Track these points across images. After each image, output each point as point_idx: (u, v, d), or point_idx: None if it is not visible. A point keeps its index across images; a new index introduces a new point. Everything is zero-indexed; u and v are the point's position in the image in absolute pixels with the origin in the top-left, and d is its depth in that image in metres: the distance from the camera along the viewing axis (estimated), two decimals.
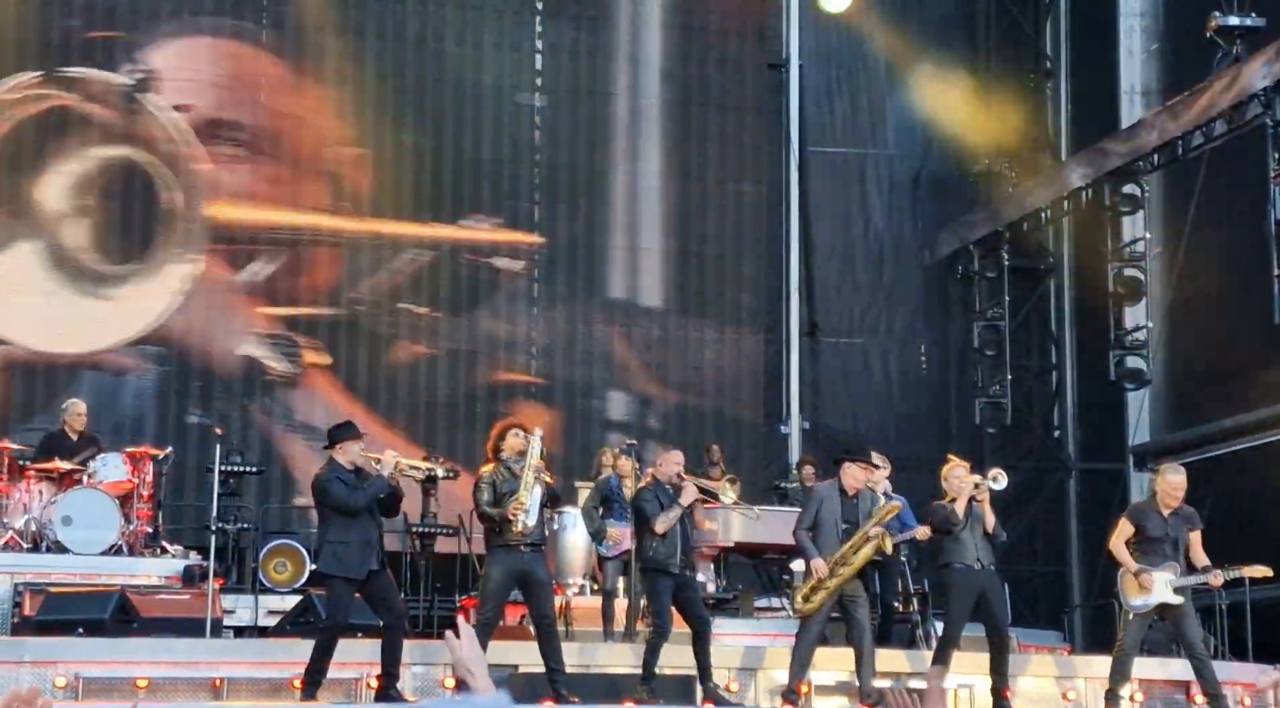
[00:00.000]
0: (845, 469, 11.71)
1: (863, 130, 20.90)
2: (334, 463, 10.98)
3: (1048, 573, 20.26)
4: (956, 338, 20.75)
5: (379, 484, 10.81)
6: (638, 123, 20.08)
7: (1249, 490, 17.44)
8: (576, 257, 19.71)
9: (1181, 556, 11.63)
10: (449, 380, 19.10)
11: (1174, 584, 11.51)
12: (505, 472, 11.17)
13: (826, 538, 11.51)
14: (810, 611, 11.47)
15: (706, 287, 20.00)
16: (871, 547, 11.52)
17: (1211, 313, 18.42)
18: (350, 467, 10.90)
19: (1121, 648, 11.69)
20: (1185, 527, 11.65)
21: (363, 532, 10.76)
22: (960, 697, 12.57)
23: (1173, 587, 11.51)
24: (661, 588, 11.46)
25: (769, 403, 19.98)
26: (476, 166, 19.55)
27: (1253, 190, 16.46)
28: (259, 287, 18.80)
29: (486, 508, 11.11)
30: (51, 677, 10.98)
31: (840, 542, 11.50)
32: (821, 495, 11.70)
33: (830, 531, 11.52)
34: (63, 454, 14.23)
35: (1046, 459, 20.80)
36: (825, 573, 11.37)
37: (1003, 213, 20.24)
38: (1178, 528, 11.61)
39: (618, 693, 11.39)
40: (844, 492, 11.62)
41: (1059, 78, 21.44)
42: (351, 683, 11.48)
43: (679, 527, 11.45)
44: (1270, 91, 15.88)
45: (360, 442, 11.12)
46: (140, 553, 14.02)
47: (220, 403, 18.40)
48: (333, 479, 10.82)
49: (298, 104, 19.09)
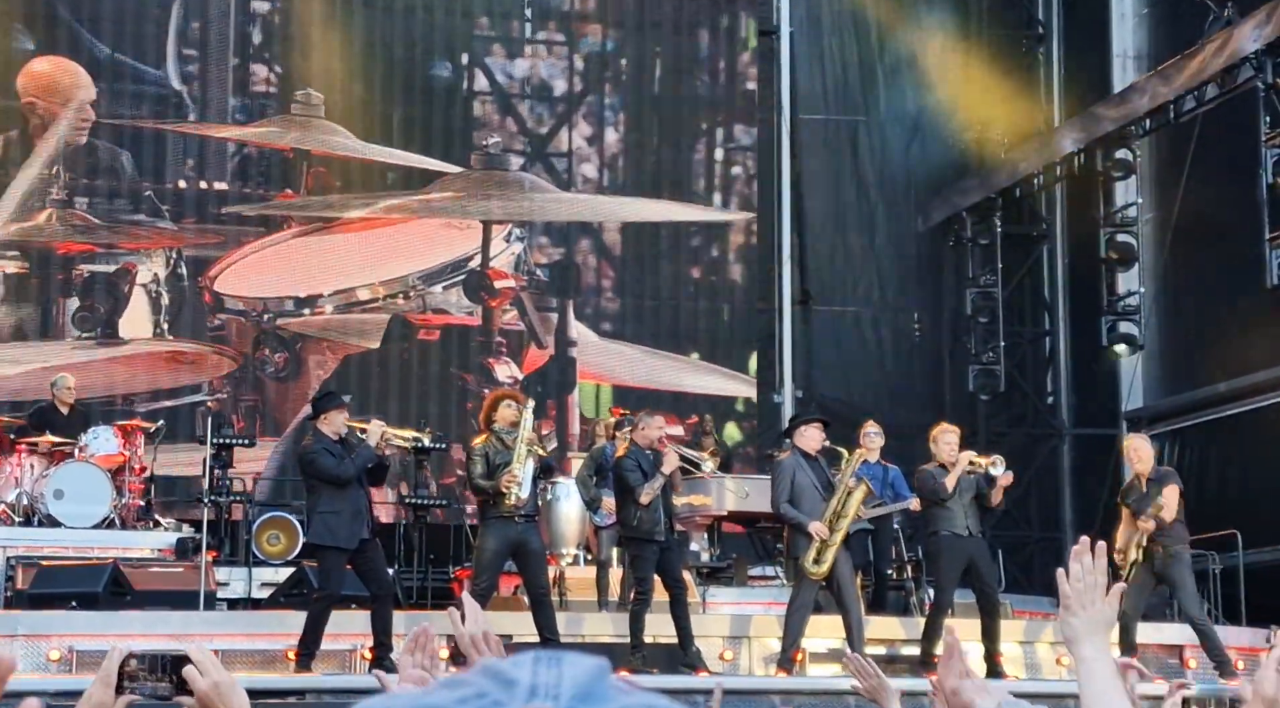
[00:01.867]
0: (801, 433, 11.86)
1: (854, 97, 20.81)
2: (319, 434, 10.97)
3: (1041, 539, 20.26)
4: (950, 305, 20.72)
5: (366, 453, 10.79)
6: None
7: (1242, 454, 17.45)
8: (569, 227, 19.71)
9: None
10: (441, 353, 19.08)
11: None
12: (498, 443, 11.16)
13: (811, 502, 11.60)
14: (825, 573, 11.50)
15: (700, 255, 20.00)
16: (860, 493, 11.60)
17: (1204, 277, 18.40)
18: (336, 437, 10.89)
19: (1123, 615, 11.74)
20: (1157, 489, 11.92)
21: (353, 501, 10.75)
22: None
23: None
24: (646, 556, 11.48)
25: (762, 372, 19.95)
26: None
27: (1245, 154, 16.42)
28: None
29: (480, 481, 11.10)
30: (45, 650, 10.97)
31: (823, 501, 11.60)
32: (790, 466, 11.79)
33: (812, 495, 11.61)
34: (54, 428, 14.20)
35: (1040, 425, 20.79)
36: (826, 533, 11.43)
37: (995, 179, 20.19)
38: (1151, 493, 11.90)
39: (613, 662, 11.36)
40: (806, 455, 11.72)
41: (1051, 43, 21.37)
42: (345, 654, 11.49)
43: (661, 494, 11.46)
44: (1261, 54, 15.83)
45: (345, 411, 11.12)
46: (133, 526, 14.00)
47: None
48: (319, 451, 10.80)
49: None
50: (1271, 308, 16.46)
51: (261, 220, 18.68)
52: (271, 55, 19.13)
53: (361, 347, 18.66)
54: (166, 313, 18.19)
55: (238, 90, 18.84)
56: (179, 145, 18.57)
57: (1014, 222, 20.60)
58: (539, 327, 19.18)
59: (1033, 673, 12.53)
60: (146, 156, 18.43)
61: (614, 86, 20.13)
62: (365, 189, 19.04)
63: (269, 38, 19.15)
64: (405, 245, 19.02)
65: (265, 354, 18.30)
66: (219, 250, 18.46)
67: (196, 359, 18.19)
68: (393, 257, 18.85)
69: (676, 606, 11.42)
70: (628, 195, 19.86)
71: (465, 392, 18.85)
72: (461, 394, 18.88)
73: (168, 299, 18.18)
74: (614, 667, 4.85)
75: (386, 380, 18.64)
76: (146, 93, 18.51)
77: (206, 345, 18.26)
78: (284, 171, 18.88)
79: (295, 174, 18.86)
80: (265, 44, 19.17)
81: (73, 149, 18.06)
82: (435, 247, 19.10)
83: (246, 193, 18.65)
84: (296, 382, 18.30)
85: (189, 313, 18.31)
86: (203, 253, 18.45)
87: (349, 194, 18.92)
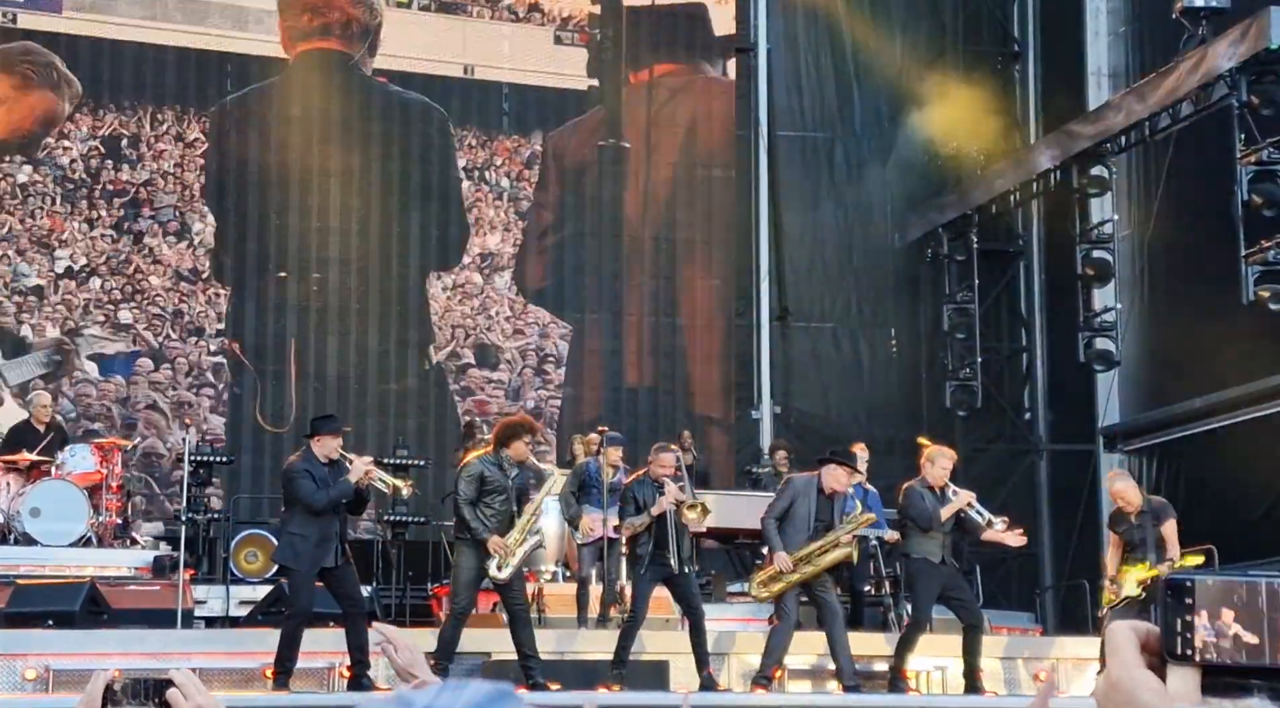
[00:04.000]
0: (828, 471, 11.64)
1: (831, 114, 20.87)
2: (309, 453, 10.96)
3: (1019, 555, 20.28)
4: (926, 321, 20.76)
5: (344, 488, 10.78)
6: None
7: (1218, 470, 17.51)
8: (547, 243, 19.71)
9: (1152, 549, 11.92)
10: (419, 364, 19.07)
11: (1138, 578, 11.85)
12: (497, 471, 11.09)
13: (796, 532, 11.51)
14: (766, 598, 11.55)
15: (677, 271, 20.02)
16: (840, 554, 11.52)
17: (1180, 293, 18.47)
18: (325, 460, 10.88)
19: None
20: (1152, 521, 11.97)
21: (322, 528, 10.74)
22: (933, 679, 12.61)
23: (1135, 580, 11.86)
24: (641, 578, 11.52)
25: (740, 388, 19.98)
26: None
27: (1220, 171, 16.49)
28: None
29: (465, 509, 11.02)
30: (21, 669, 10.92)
31: (809, 540, 11.49)
32: (798, 489, 11.66)
33: (802, 526, 11.52)
34: (29, 446, 14.15)
35: (1017, 441, 20.84)
36: (789, 567, 11.39)
37: (971, 196, 20.25)
38: (1145, 524, 11.94)
39: (592, 679, 11.39)
40: (822, 491, 11.60)
41: (1027, 60, 21.46)
42: (323, 672, 11.46)
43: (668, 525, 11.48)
44: (1236, 72, 15.92)
45: (339, 438, 11.08)
46: (110, 544, 13.95)
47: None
48: (302, 471, 10.79)
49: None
50: (1247, 324, 16.53)
51: None
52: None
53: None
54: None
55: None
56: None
57: (990, 238, 20.66)
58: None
59: (1011, 689, 12.55)
60: None
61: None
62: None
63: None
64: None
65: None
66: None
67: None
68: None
69: (694, 633, 11.54)
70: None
71: (445, 409, 18.84)
72: (440, 410, 18.87)
73: None
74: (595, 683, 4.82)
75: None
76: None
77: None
78: None
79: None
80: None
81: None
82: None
83: None
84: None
85: None
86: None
87: None
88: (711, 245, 20.17)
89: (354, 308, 18.91)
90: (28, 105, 18.11)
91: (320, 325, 18.77)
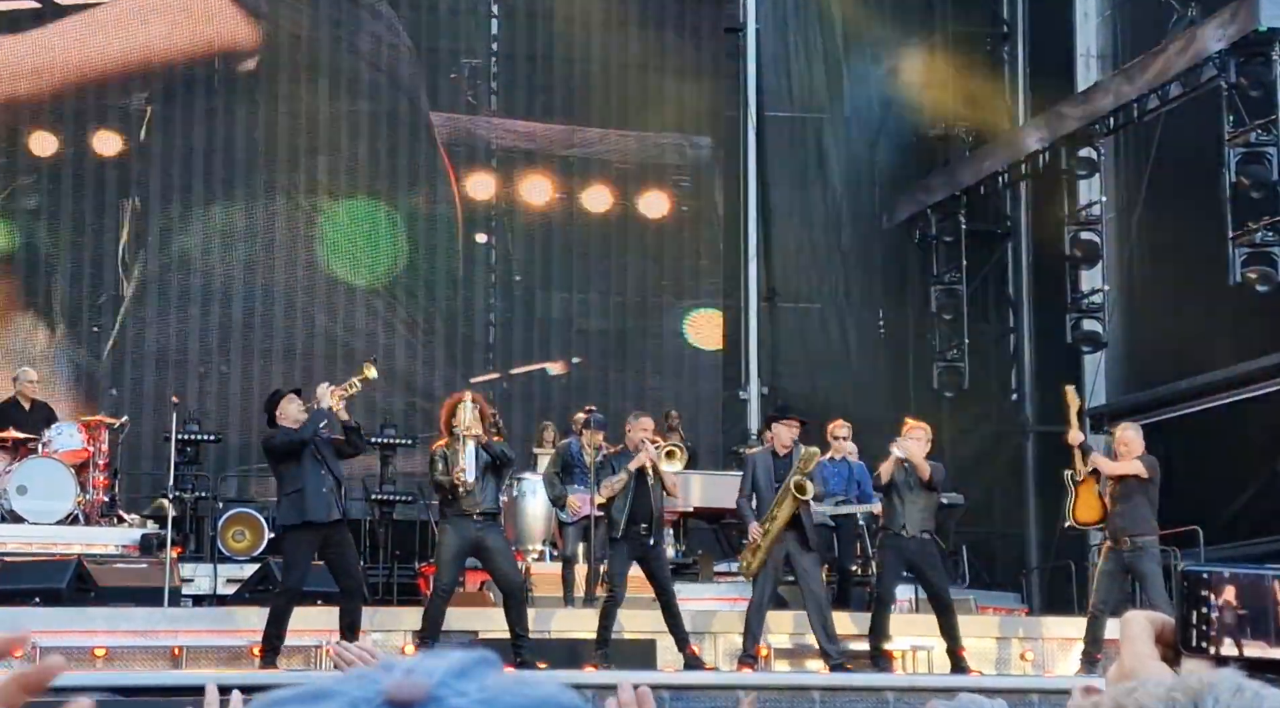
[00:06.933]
0: (772, 430, 11.86)
1: (819, 94, 20.84)
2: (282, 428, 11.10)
3: (1005, 535, 20.34)
4: (914, 302, 20.76)
5: (319, 415, 10.94)
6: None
7: (1205, 452, 17.54)
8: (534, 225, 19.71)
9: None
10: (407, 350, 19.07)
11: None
12: (457, 445, 11.26)
13: (764, 500, 11.67)
14: (757, 570, 11.61)
15: (664, 252, 20.01)
16: (789, 502, 11.50)
17: (1167, 275, 18.49)
18: (296, 425, 11.01)
19: (1094, 609, 11.81)
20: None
21: (316, 479, 10.84)
22: (918, 658, 12.64)
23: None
24: (616, 553, 11.55)
25: (728, 368, 19.99)
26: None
27: (1208, 153, 16.51)
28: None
29: (439, 477, 11.27)
30: None
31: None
32: (755, 461, 11.91)
33: (767, 494, 11.67)
34: (16, 423, 14.13)
35: (1004, 422, 20.86)
36: (759, 534, 11.50)
37: (960, 177, 20.25)
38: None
39: (578, 659, 11.42)
40: (775, 454, 11.77)
41: (1015, 41, 21.44)
42: (311, 650, 11.48)
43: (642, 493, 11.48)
44: (1225, 54, 15.93)
45: (295, 398, 11.22)
46: (97, 522, 13.95)
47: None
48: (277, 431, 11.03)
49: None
50: (1234, 305, 16.56)
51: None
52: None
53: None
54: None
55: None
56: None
57: (978, 219, 20.66)
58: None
59: (1001, 668, 12.58)
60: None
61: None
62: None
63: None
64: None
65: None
66: None
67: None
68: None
69: (667, 613, 11.51)
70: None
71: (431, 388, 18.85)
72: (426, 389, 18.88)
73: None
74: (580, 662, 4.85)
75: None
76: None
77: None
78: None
79: None
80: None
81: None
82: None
83: None
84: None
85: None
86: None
87: None
88: (700, 225, 20.16)
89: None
90: None
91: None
